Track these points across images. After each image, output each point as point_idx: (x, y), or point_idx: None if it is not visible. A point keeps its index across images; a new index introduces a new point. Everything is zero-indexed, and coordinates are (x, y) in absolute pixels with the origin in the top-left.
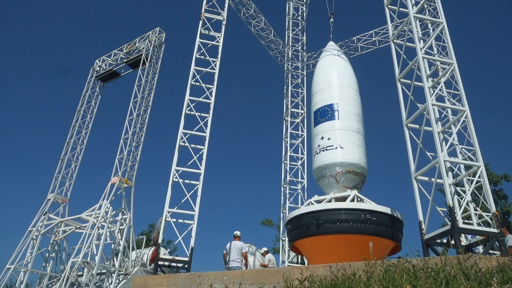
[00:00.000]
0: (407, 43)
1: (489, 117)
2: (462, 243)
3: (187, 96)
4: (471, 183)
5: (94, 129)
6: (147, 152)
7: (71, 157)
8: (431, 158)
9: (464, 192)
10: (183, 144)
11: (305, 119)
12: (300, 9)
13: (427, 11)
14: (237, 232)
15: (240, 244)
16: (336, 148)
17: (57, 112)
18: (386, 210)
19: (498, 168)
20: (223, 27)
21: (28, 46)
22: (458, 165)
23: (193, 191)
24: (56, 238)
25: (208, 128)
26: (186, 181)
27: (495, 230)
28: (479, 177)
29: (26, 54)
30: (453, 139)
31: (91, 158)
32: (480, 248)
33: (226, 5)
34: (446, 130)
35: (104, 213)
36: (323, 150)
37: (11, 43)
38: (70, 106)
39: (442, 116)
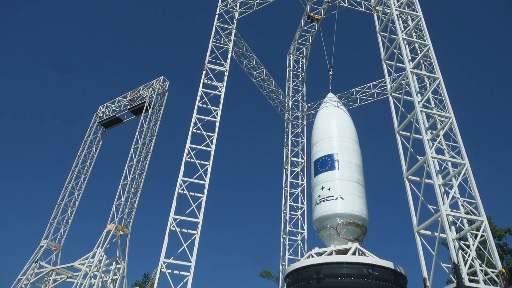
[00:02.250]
0: (405, 97)
1: (490, 168)
2: None
3: (188, 144)
4: (475, 238)
5: (93, 174)
6: (145, 199)
7: (68, 202)
8: (433, 211)
9: (468, 246)
10: (182, 191)
11: (305, 168)
12: (300, 61)
13: (423, 66)
14: None
15: None
16: (336, 198)
17: (56, 156)
18: (389, 264)
19: (502, 221)
20: (225, 77)
21: (30, 88)
22: (460, 218)
23: (190, 240)
24: None
25: (208, 176)
26: (183, 230)
27: None
28: (483, 231)
29: (28, 95)
30: (454, 193)
31: (87, 204)
32: None
33: (229, 57)
34: (447, 182)
35: (98, 262)
36: (323, 201)
37: (12, 83)
38: (70, 150)
39: (442, 168)
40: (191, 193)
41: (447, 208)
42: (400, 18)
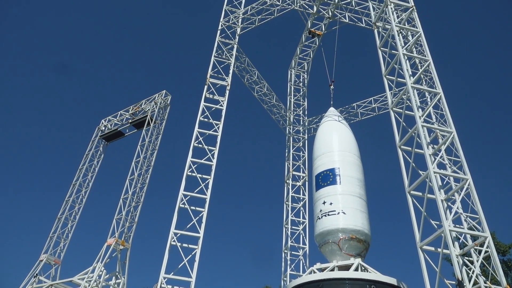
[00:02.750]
0: (406, 111)
1: (493, 182)
2: None
3: (189, 158)
4: (479, 253)
5: (93, 187)
6: (146, 213)
7: (68, 216)
8: (435, 226)
9: (472, 263)
10: (183, 206)
11: (307, 182)
12: (301, 76)
13: (423, 81)
14: None
15: None
16: (338, 213)
17: (57, 169)
18: (392, 281)
19: (506, 236)
20: (227, 92)
21: (32, 101)
22: (464, 234)
23: (190, 255)
24: None
25: (209, 190)
26: (184, 244)
27: None
28: (487, 247)
29: (29, 108)
30: (457, 208)
31: (88, 218)
32: None
33: (231, 71)
34: (450, 197)
35: (97, 277)
36: (325, 215)
37: (13, 95)
38: (71, 164)
39: (445, 182)
40: (192, 207)
41: (450, 224)
42: (400, 34)
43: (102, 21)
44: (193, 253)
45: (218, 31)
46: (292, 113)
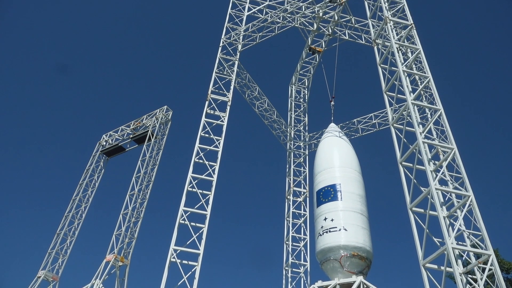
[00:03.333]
0: (406, 127)
1: (495, 198)
2: None
3: (190, 173)
4: (483, 271)
5: (93, 203)
6: (146, 229)
7: (67, 232)
8: (438, 244)
9: (476, 281)
10: (183, 222)
11: (308, 198)
12: (302, 92)
13: (424, 97)
14: None
15: None
16: (339, 230)
17: (56, 184)
18: None
19: (509, 253)
20: (228, 107)
21: (32, 115)
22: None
23: (190, 272)
24: None
25: (209, 206)
26: (184, 261)
27: None
28: (490, 265)
29: (31, 123)
30: (460, 225)
31: (87, 233)
32: None
33: (232, 87)
34: (452, 214)
35: None
36: (326, 232)
37: (13, 111)
38: (71, 179)
39: (446, 199)
40: (192, 224)
41: (453, 241)
42: (399, 51)
43: (103, 37)
44: (192, 270)
45: (220, 48)
46: (292, 128)
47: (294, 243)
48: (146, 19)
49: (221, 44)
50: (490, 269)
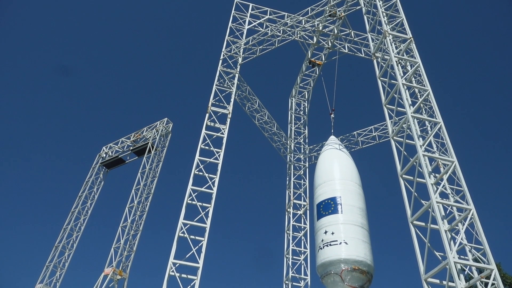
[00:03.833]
0: (406, 140)
1: (497, 212)
2: None
3: (189, 185)
4: (485, 286)
5: (92, 215)
6: (145, 241)
7: (65, 244)
8: (440, 258)
9: None
10: (182, 235)
11: (308, 211)
12: (302, 104)
13: (423, 110)
14: None
15: None
16: (340, 243)
17: (55, 196)
18: None
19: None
20: (228, 120)
21: (32, 125)
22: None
23: (189, 286)
24: None
25: (209, 219)
26: (183, 275)
27: None
28: (493, 279)
29: (31, 135)
30: (461, 238)
31: (85, 246)
32: None
33: (232, 100)
34: (454, 227)
35: None
36: (326, 245)
37: (12, 123)
38: (70, 191)
39: (448, 212)
40: (191, 237)
41: (454, 256)
42: (399, 64)
43: (104, 49)
44: (192, 284)
45: (220, 61)
46: (292, 141)
47: (294, 257)
48: (148, 31)
49: (221, 57)
50: (493, 284)
